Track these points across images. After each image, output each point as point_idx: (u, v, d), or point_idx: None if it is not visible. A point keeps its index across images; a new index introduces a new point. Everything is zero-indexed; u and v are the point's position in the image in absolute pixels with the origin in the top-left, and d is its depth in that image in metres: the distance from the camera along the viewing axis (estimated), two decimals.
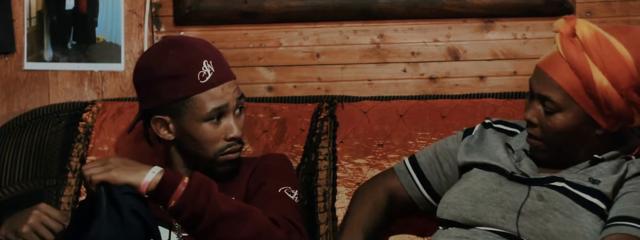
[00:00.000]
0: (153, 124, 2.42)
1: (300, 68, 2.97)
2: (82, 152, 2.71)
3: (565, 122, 2.26)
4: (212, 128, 2.39)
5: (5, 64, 2.96)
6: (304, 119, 2.75)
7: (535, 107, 2.29)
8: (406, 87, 2.96)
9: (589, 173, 2.29)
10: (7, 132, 2.79)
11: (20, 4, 2.94)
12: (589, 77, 2.21)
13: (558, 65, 2.24)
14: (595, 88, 2.20)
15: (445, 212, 2.33)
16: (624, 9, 2.94)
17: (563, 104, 2.24)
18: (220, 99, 2.37)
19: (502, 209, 2.27)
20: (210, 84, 2.37)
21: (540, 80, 2.27)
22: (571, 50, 2.22)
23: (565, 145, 2.31)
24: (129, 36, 2.96)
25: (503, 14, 2.94)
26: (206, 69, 2.37)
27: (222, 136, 2.40)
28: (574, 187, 2.26)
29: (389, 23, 2.96)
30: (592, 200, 2.24)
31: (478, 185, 2.34)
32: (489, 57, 2.96)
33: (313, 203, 2.62)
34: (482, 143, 2.45)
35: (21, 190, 2.69)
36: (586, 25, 2.24)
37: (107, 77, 2.97)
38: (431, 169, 2.49)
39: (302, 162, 2.69)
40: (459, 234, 2.28)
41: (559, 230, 2.20)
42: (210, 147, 2.40)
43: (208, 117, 2.37)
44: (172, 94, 2.36)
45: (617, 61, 2.20)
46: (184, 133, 2.40)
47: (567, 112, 2.25)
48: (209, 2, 2.92)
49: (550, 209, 2.23)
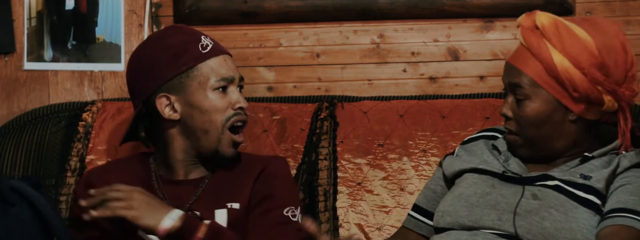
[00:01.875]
0: (158, 104, 2.38)
1: (300, 68, 2.97)
2: (82, 151, 2.71)
3: (536, 109, 2.29)
4: (220, 97, 2.38)
5: (5, 64, 2.96)
6: (304, 118, 2.75)
7: (508, 100, 2.34)
8: (406, 87, 2.96)
9: (580, 170, 2.30)
10: (7, 132, 2.79)
11: (20, 4, 2.94)
12: (549, 60, 2.27)
13: (522, 55, 2.31)
14: (556, 70, 2.26)
15: (442, 221, 2.33)
16: (624, 9, 2.94)
17: (531, 90, 2.29)
18: (225, 70, 2.39)
19: (498, 211, 2.27)
20: (212, 53, 2.39)
21: (508, 72, 2.33)
22: (531, 39, 2.29)
23: (541, 136, 2.32)
24: (129, 36, 2.96)
25: (503, 14, 2.94)
26: (205, 41, 2.41)
27: (229, 106, 2.39)
28: (567, 185, 2.27)
29: (389, 23, 2.96)
30: (586, 197, 2.25)
31: (471, 189, 2.34)
32: (489, 57, 2.96)
33: (314, 202, 2.62)
34: (467, 153, 2.45)
35: None
36: (545, 15, 2.33)
37: (107, 77, 2.97)
38: (428, 199, 2.49)
39: (303, 161, 2.69)
40: (458, 236, 2.28)
41: (556, 228, 2.20)
42: (219, 117, 2.37)
43: (216, 85, 2.37)
44: (176, 68, 2.37)
45: (576, 43, 2.26)
46: (191, 106, 2.38)
47: (536, 98, 2.29)
48: (209, 2, 2.92)
49: (545, 207, 2.23)
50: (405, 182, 2.66)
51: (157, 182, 2.43)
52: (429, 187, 2.50)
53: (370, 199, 2.65)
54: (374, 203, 2.64)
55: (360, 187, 2.66)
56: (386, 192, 2.65)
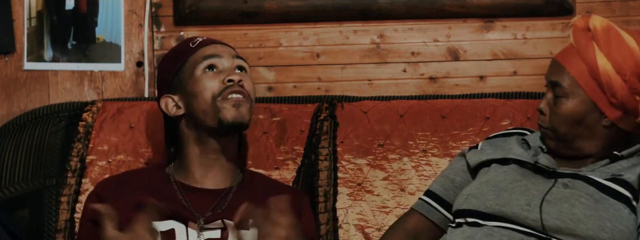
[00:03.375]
0: (162, 105, 2.46)
1: (300, 68, 2.98)
2: (82, 152, 2.71)
3: (572, 108, 2.32)
4: (209, 77, 2.41)
5: (5, 64, 2.96)
6: (303, 120, 2.75)
7: (547, 96, 2.36)
8: (406, 87, 2.96)
9: (609, 169, 2.32)
10: (7, 132, 2.79)
11: (20, 4, 2.94)
12: (593, 62, 2.29)
13: (569, 54, 2.33)
14: (598, 72, 2.28)
15: (466, 203, 2.33)
16: (624, 9, 2.94)
17: (570, 89, 2.31)
18: (211, 51, 2.45)
19: (527, 197, 2.28)
20: (201, 45, 2.46)
21: (552, 69, 2.36)
22: (580, 39, 2.31)
23: (571, 135, 2.34)
24: (129, 36, 2.96)
25: (503, 14, 2.94)
26: (198, 39, 2.49)
27: (219, 80, 2.41)
28: (598, 177, 2.29)
29: (389, 23, 2.96)
30: (617, 189, 2.26)
31: (500, 176, 2.36)
32: (489, 57, 2.96)
33: (314, 203, 2.62)
34: (492, 147, 2.46)
35: (21, 190, 2.69)
36: (600, 19, 2.34)
37: (107, 77, 2.97)
38: (445, 187, 2.49)
39: (302, 163, 2.69)
40: (472, 233, 2.29)
41: (586, 215, 2.22)
42: (208, 94, 2.39)
43: (202, 66, 2.42)
44: (173, 69, 2.45)
45: (623, 50, 2.28)
46: (189, 96, 2.42)
47: (574, 97, 2.31)
48: (209, 2, 2.92)
49: (575, 196, 2.25)
50: (406, 183, 2.66)
51: (179, 191, 2.43)
52: (447, 177, 2.51)
53: (371, 200, 2.65)
54: (375, 204, 2.64)
55: (361, 187, 2.66)
56: (387, 192, 2.65)
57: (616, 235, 2.20)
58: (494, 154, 2.43)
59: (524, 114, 2.71)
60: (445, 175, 2.52)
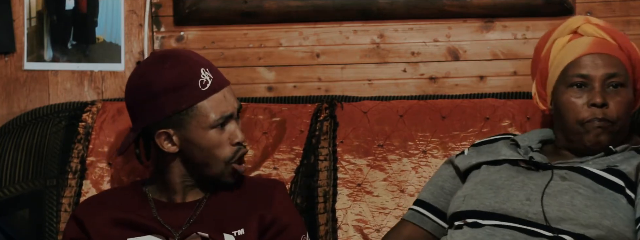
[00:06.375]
0: (157, 138, 2.39)
1: (300, 68, 2.98)
2: (82, 152, 2.71)
3: (630, 96, 2.38)
4: (218, 134, 2.38)
5: (5, 64, 2.97)
6: (303, 120, 2.75)
7: (597, 89, 2.35)
8: (406, 87, 2.96)
9: (604, 161, 2.33)
10: (7, 132, 2.80)
11: (20, 4, 2.94)
12: (633, 49, 2.39)
13: (609, 46, 2.38)
14: (638, 59, 2.39)
15: (463, 204, 2.33)
16: (624, 9, 2.94)
17: (624, 78, 2.37)
18: (224, 106, 2.38)
19: (526, 191, 2.29)
20: (212, 90, 2.37)
21: (603, 61, 2.37)
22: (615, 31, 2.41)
23: (625, 124, 2.38)
24: (129, 36, 2.96)
25: (503, 14, 2.94)
26: (205, 76, 2.37)
27: (228, 141, 2.39)
28: (593, 168, 2.31)
29: (389, 23, 2.96)
30: (612, 179, 2.28)
31: (494, 175, 2.36)
32: (489, 57, 2.96)
33: (313, 204, 2.62)
34: (481, 151, 2.47)
35: (21, 190, 2.69)
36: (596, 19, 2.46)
37: (107, 77, 2.97)
38: (435, 195, 2.50)
39: (302, 163, 2.69)
40: (474, 233, 2.29)
41: (586, 204, 2.23)
42: (220, 154, 2.39)
43: (214, 124, 2.37)
44: (176, 105, 2.35)
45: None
46: (190, 143, 2.38)
47: (629, 85, 2.38)
48: (209, 2, 2.92)
49: (574, 188, 2.26)
50: (405, 184, 2.66)
51: (154, 208, 2.43)
52: (435, 184, 2.51)
53: (370, 200, 2.65)
54: (374, 204, 2.64)
55: (360, 188, 2.66)
56: (386, 193, 2.65)
57: (617, 222, 2.21)
58: (484, 157, 2.43)
59: (524, 114, 2.71)
60: (433, 182, 2.52)
